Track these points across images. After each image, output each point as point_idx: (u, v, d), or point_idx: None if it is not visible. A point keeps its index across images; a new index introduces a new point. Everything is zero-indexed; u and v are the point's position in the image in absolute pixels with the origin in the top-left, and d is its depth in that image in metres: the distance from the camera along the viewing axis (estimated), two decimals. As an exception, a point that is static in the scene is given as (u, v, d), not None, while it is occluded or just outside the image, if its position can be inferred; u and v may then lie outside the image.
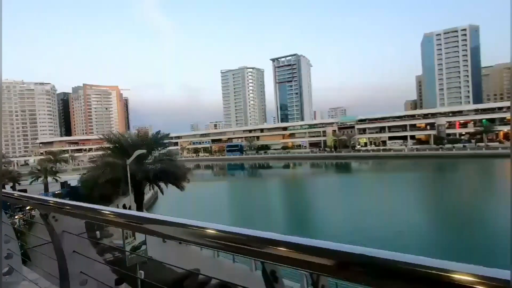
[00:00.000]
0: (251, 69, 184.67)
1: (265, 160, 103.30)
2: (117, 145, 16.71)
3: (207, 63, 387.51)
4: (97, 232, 24.96)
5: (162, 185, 16.68)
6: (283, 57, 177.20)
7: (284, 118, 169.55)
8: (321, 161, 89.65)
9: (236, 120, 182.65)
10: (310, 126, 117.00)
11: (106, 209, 1.23)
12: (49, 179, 45.06)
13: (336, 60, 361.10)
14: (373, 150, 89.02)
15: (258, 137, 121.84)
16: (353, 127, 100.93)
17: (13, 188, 41.59)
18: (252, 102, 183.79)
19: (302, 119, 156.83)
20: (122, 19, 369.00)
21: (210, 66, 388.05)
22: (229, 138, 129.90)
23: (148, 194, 24.03)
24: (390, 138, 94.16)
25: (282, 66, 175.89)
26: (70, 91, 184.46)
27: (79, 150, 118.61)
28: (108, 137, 17.06)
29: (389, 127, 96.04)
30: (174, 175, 16.45)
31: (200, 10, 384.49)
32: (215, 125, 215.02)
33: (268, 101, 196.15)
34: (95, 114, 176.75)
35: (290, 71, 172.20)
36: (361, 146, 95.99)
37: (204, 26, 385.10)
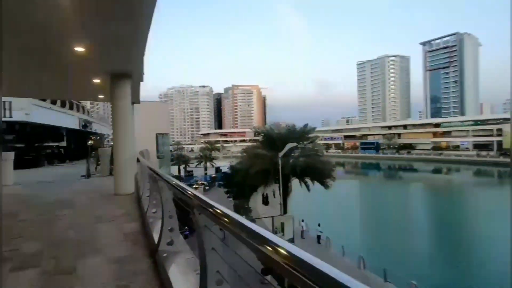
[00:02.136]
0: (393, 58, 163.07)
1: (407, 161, 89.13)
2: (266, 137, 17.80)
3: (341, 57, 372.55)
4: (243, 217, 28.26)
5: (308, 181, 16.62)
6: (438, 38, 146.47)
7: (436, 112, 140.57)
8: (492, 168, 67.95)
9: (373, 115, 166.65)
10: (476, 122, 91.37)
11: (243, 222, 1.03)
12: (207, 164, 55.08)
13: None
14: None
15: (399, 134, 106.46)
16: (554, 124, 71.77)
17: (185, 168, 53.45)
18: (393, 95, 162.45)
19: (462, 113, 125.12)
20: (262, 21, 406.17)
21: (344, 59, 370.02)
22: (363, 135, 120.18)
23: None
24: None
25: (436, 49, 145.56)
26: (222, 91, 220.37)
27: (227, 141, 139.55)
28: (258, 129, 18.35)
29: None
30: (320, 171, 15.97)
31: (334, 3, 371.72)
32: (347, 121, 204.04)
33: (414, 93, 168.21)
34: (240, 110, 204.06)
35: (448, 55, 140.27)
36: None
37: (339, 18, 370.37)
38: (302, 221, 22.09)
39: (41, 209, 6.03)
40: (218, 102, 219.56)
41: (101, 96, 10.52)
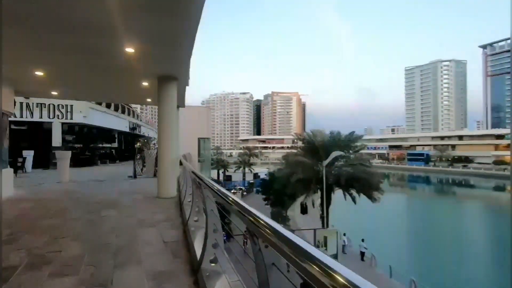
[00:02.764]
0: (447, 62, 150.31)
1: (463, 176, 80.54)
2: (308, 144, 17.02)
3: (387, 63, 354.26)
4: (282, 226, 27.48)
5: (354, 193, 15.44)
6: (501, 40, 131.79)
7: (498, 122, 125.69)
8: None
9: (422, 124, 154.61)
10: (550, 135, 79.72)
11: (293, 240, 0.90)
12: (246, 169, 55.33)
13: None
14: None
15: (453, 146, 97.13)
16: None
17: (224, 173, 54.34)
18: (446, 102, 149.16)
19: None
20: (304, 28, 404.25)
21: (391, 65, 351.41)
22: (411, 146, 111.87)
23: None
24: None
25: (499, 53, 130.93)
26: (262, 98, 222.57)
27: (265, 147, 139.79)
28: (301, 136, 17.64)
29: None
30: (367, 183, 14.73)
31: (379, 7, 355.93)
32: (392, 130, 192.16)
33: (471, 101, 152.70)
34: (279, 117, 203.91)
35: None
36: None
37: (384, 20, 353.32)
38: (344, 234, 20.70)
39: (89, 208, 6.14)
40: (257, 108, 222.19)
41: (149, 100, 10.84)
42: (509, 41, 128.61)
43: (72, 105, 18.26)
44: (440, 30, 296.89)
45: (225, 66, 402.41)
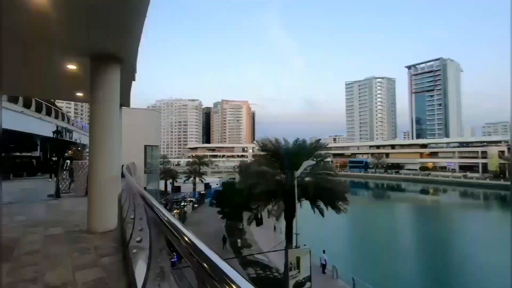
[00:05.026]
0: (380, 79, 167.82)
1: (396, 181, 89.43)
2: (272, 152, 15.67)
3: (329, 77, 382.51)
4: (238, 240, 25.69)
5: (321, 205, 14.46)
6: (422, 63, 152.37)
7: (420, 134, 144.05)
8: (478, 190, 69.23)
9: (360, 134, 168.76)
10: (462, 144, 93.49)
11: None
12: (196, 179, 52.04)
13: (494, 64, 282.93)
14: None
15: (387, 154, 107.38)
16: (535, 149, 73.69)
17: (172, 184, 50.18)
18: (380, 115, 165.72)
19: (447, 135, 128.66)
20: (254, 40, 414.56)
21: (333, 79, 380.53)
22: (352, 154, 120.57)
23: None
24: None
25: (421, 73, 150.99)
26: (212, 106, 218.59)
27: (215, 156, 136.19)
28: (263, 144, 16.20)
29: None
30: (334, 194, 13.89)
31: (323, 24, 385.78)
32: (334, 139, 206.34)
33: (399, 114, 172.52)
34: (229, 125, 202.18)
35: (432, 79, 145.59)
36: (550, 175, 68.52)
37: (328, 39, 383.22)
38: (323, 252, 19.96)
39: None
40: (207, 116, 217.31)
41: (79, 94, 8.17)
42: (428, 63, 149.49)
43: (-30, 101, 13.95)
44: (374, 49, 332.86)
45: (172, 73, 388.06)
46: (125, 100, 9.18)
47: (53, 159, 17.72)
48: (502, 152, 78.92)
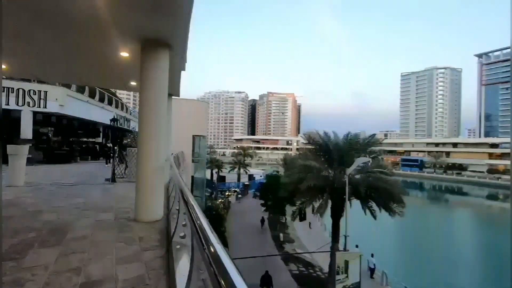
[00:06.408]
0: (442, 70, 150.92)
1: (456, 183, 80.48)
2: (320, 147, 14.81)
3: (382, 68, 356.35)
4: (281, 234, 25.44)
5: (373, 206, 13.31)
6: (497, 50, 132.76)
7: (490, 131, 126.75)
8: None
9: (416, 130, 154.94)
10: (545, 145, 79.92)
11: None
12: (241, 170, 52.94)
13: None
14: None
15: (448, 153, 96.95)
16: None
17: (217, 173, 51.78)
18: (440, 109, 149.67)
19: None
20: (300, 31, 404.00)
21: (386, 70, 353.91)
22: (405, 151, 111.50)
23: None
24: None
25: (494, 62, 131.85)
26: (257, 98, 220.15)
27: (259, 148, 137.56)
28: (310, 137, 15.38)
29: None
30: (388, 194, 12.62)
31: (377, 11, 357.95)
32: (386, 135, 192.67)
33: (464, 109, 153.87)
34: (273, 118, 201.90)
35: (509, 69, 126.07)
36: None
37: (382, 28, 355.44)
38: (372, 256, 18.82)
39: (13, 247, 3.65)
40: (252, 108, 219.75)
41: (133, 83, 8.41)
42: (504, 51, 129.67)
43: (46, 91, 15.59)
44: (436, 37, 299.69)
45: (220, 65, 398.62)
46: (174, 90, 9.24)
47: (108, 145, 19.17)
48: None
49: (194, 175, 22.21)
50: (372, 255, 18.76)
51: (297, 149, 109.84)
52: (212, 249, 1.10)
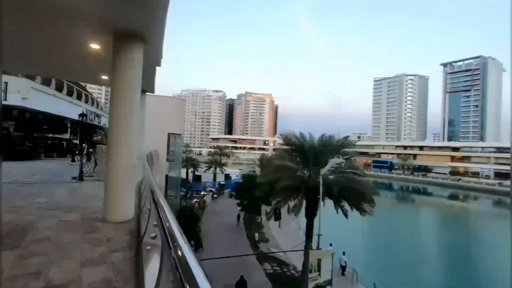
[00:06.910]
0: (411, 77, 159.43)
1: (422, 184, 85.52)
2: (296, 147, 15.04)
3: (357, 72, 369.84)
4: (256, 234, 25.52)
5: (345, 206, 13.74)
6: (460, 60, 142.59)
7: (453, 136, 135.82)
8: (515, 200, 64.49)
9: (387, 133, 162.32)
10: (499, 149, 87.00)
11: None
12: (217, 169, 52.44)
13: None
14: None
15: (415, 155, 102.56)
16: None
17: (193, 173, 50.92)
18: (409, 114, 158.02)
19: (482, 139, 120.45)
20: (278, 32, 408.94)
21: (361, 75, 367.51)
22: (377, 153, 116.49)
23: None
24: None
25: (458, 71, 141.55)
26: (235, 97, 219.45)
27: (236, 147, 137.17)
28: (287, 138, 15.58)
29: None
30: (360, 194, 13.09)
31: (354, 18, 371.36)
32: (359, 137, 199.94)
33: (430, 114, 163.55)
34: (251, 118, 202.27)
35: (470, 78, 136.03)
36: None
37: (358, 34, 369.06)
38: (343, 253, 19.37)
39: None
40: (230, 108, 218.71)
41: (104, 77, 8.03)
42: (466, 61, 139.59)
43: (6, 82, 14.47)
44: (408, 45, 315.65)
45: (198, 63, 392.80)
46: (149, 86, 8.95)
47: (74, 141, 18.19)
48: (546, 160, 72.63)
49: (169, 174, 21.68)
50: (343, 253, 19.39)
51: (274, 149, 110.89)
52: (179, 253, 1.07)
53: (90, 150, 11.51)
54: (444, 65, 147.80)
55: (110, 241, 3.83)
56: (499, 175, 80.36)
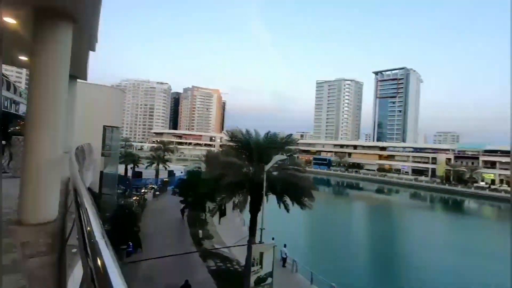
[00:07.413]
0: (349, 82, 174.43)
1: (355, 180, 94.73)
2: (239, 143, 15.18)
3: (302, 74, 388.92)
4: (200, 231, 25.04)
5: (287, 200, 14.36)
6: (388, 70, 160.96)
7: (381, 137, 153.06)
8: (426, 193, 76.27)
9: (326, 133, 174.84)
10: (416, 150, 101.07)
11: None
12: (160, 166, 49.96)
13: (451, 76, 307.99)
14: (505, 191, 69.69)
15: (350, 154, 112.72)
16: (476, 158, 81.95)
17: (133, 169, 47.64)
18: (346, 116, 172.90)
19: (403, 140, 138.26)
20: (228, 28, 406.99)
21: (305, 76, 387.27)
22: (317, 151, 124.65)
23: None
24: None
25: (386, 80, 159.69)
26: (181, 91, 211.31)
27: (181, 143, 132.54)
28: (233, 134, 15.60)
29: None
30: (300, 189, 13.85)
31: (301, 21, 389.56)
32: (302, 135, 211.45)
33: (364, 117, 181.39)
34: (198, 113, 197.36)
35: (395, 86, 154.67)
36: (486, 183, 76.61)
37: (303, 37, 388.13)
38: (285, 246, 20.06)
39: None
40: (175, 101, 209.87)
41: (23, 58, 6.93)
42: (394, 71, 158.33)
43: None
44: (347, 52, 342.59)
45: (143, 53, 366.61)
46: (80, 72, 8.04)
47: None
48: (449, 159, 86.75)
49: (104, 170, 19.89)
50: (284, 246, 20.31)
51: (220, 146, 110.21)
52: (98, 262, 0.95)
53: (3, 141, 9.87)
54: (376, 73, 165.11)
55: (26, 245, 3.34)
56: (415, 171, 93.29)
